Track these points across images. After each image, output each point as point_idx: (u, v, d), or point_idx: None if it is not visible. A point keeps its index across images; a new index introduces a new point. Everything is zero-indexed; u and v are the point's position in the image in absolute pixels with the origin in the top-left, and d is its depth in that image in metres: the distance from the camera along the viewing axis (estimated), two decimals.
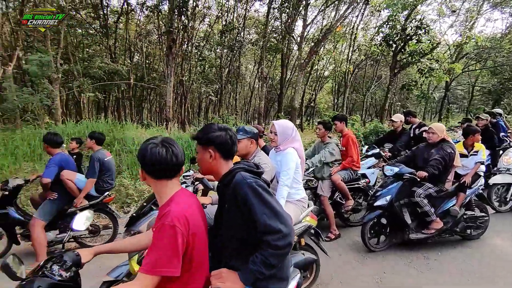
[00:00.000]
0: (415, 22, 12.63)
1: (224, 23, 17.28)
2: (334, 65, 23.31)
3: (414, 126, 5.48)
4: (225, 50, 17.75)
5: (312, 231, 2.87)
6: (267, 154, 2.91)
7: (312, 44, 14.56)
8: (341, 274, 3.49)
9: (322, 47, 18.24)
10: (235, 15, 17.45)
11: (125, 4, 16.01)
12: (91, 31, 18.02)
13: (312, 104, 28.63)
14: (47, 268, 1.30)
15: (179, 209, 1.28)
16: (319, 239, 2.90)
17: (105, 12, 15.87)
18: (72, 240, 4.06)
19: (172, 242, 1.20)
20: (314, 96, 27.81)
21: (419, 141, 4.63)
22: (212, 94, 22.89)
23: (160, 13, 13.90)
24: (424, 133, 4.25)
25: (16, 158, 7.51)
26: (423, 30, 11.84)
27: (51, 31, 12.91)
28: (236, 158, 2.76)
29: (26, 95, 8.20)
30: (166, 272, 1.19)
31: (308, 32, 15.82)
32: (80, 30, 17.65)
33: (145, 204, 2.60)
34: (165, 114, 11.46)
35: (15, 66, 11.62)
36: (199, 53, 18.54)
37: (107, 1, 16.14)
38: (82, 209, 3.94)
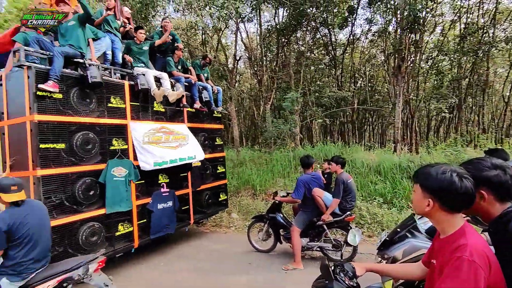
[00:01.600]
0: None
1: (463, 26, 14.69)
2: None
3: None
4: (464, 58, 14.94)
5: None
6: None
7: None
8: None
9: None
10: (480, 12, 14.41)
11: (351, 36, 17.16)
12: (320, 66, 20.80)
13: None
14: (337, 274, 1.54)
15: (477, 244, 1.16)
16: None
17: (333, 47, 17.69)
18: (318, 250, 4.64)
19: (472, 280, 1.10)
20: None
21: None
22: (446, 111, 19.70)
23: (389, 34, 13.83)
24: None
25: (273, 174, 9.63)
26: None
27: (293, 70, 16.10)
28: None
29: (280, 125, 10.46)
30: None
31: None
32: (312, 67, 20.56)
33: (398, 229, 2.56)
34: (393, 136, 11.00)
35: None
36: (432, 66, 16.69)
37: (335, 38, 18.02)
38: (327, 225, 4.46)
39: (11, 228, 2.42)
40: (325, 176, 5.01)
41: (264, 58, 16.15)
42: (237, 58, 12.41)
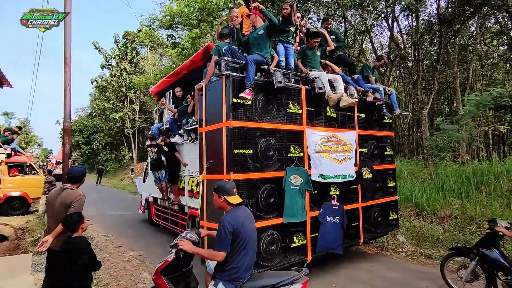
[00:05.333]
0: None
1: None
2: None
3: None
4: None
5: None
6: None
7: None
8: None
9: None
10: None
11: None
12: (489, 61, 16.81)
13: None
14: None
15: None
16: None
17: None
18: None
19: None
20: None
21: None
22: None
23: None
24: None
25: (444, 193, 7.88)
26: None
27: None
28: None
29: (452, 132, 8.56)
30: None
31: None
32: (477, 63, 16.84)
33: None
34: None
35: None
36: None
37: None
38: None
39: (235, 230, 2.40)
40: None
41: (420, 56, 14.00)
42: (392, 58, 11.04)
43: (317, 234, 4.37)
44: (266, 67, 4.04)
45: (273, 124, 4.04)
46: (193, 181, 5.94)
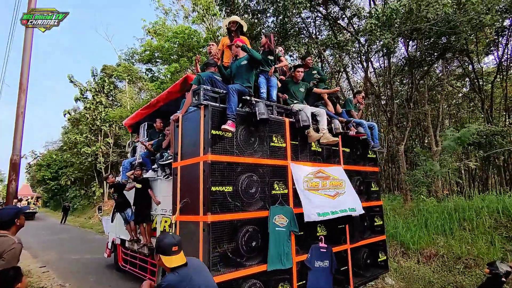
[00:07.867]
0: None
1: None
2: None
3: None
4: None
5: None
6: None
7: None
8: None
9: None
10: None
11: (503, 61, 13.99)
12: (453, 101, 17.88)
13: None
14: None
15: None
16: None
17: (476, 76, 14.78)
18: None
19: None
20: None
21: None
22: None
23: None
24: None
25: (428, 230, 7.69)
26: None
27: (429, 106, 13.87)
28: None
29: (433, 167, 8.61)
30: None
31: None
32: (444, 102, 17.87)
33: None
34: None
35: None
36: None
37: (481, 66, 15.12)
38: None
39: None
40: None
41: (393, 95, 14.63)
42: (369, 97, 11.37)
43: (304, 282, 3.91)
44: (248, 97, 3.81)
45: (255, 158, 3.72)
46: (166, 221, 5.38)
